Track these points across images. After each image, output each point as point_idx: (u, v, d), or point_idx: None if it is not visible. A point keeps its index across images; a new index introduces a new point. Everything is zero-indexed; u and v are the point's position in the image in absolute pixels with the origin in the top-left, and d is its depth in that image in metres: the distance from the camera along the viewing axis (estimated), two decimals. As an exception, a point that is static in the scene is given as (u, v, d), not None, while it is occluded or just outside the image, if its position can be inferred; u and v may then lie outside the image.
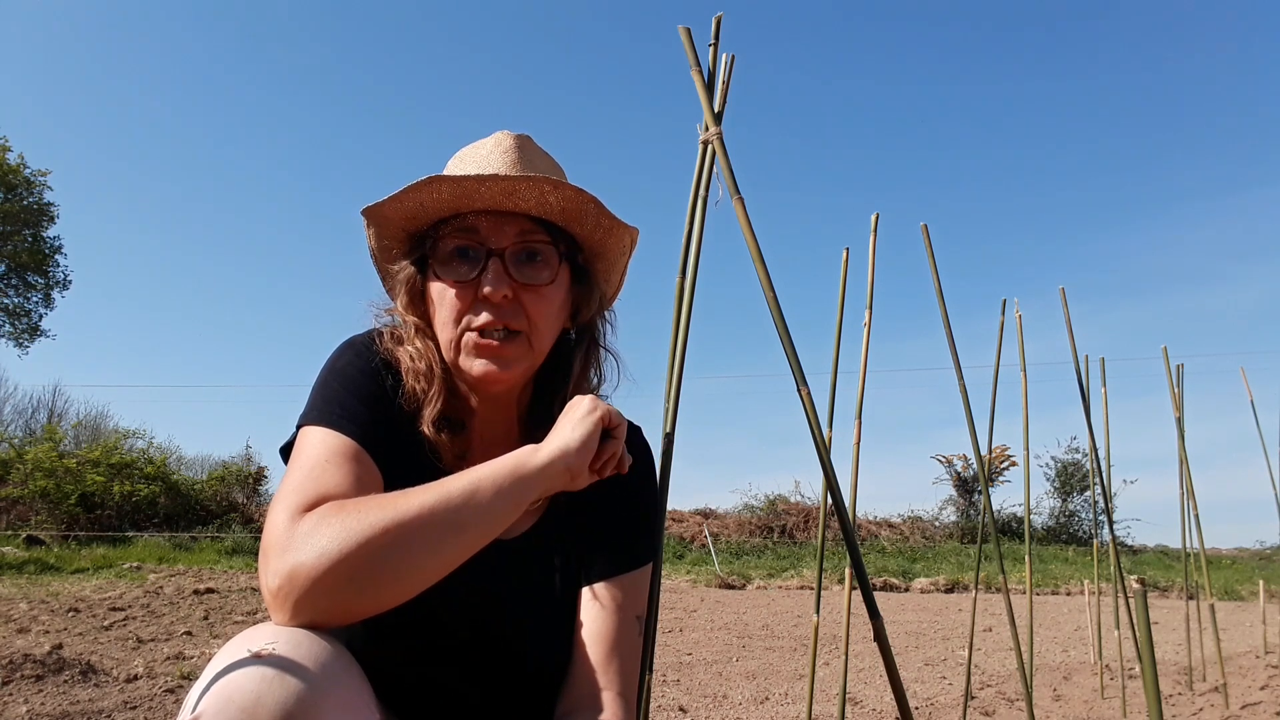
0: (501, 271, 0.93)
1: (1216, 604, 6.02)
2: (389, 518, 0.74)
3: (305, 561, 0.72)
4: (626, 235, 1.02)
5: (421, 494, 0.78)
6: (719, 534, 16.90)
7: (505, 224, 0.95)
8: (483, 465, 0.83)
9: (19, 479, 13.70)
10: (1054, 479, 20.09)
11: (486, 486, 0.80)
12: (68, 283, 21.06)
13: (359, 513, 0.75)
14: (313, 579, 0.72)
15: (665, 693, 3.95)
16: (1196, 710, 3.76)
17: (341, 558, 0.72)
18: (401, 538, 0.74)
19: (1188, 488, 4.32)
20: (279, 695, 0.67)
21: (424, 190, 0.92)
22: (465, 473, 0.82)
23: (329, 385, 0.92)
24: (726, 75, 1.18)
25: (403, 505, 0.76)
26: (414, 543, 0.74)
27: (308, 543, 0.73)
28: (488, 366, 0.93)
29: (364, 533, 0.73)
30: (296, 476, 0.83)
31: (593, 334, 1.06)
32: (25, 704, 3.09)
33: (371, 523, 0.74)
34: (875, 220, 2.60)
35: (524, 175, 0.91)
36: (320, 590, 0.72)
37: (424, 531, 0.75)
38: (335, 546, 0.72)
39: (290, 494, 0.80)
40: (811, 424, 1.01)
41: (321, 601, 0.73)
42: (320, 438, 0.87)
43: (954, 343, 2.61)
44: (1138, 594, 0.89)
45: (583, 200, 0.95)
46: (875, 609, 0.99)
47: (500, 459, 0.84)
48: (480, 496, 0.79)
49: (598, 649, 0.97)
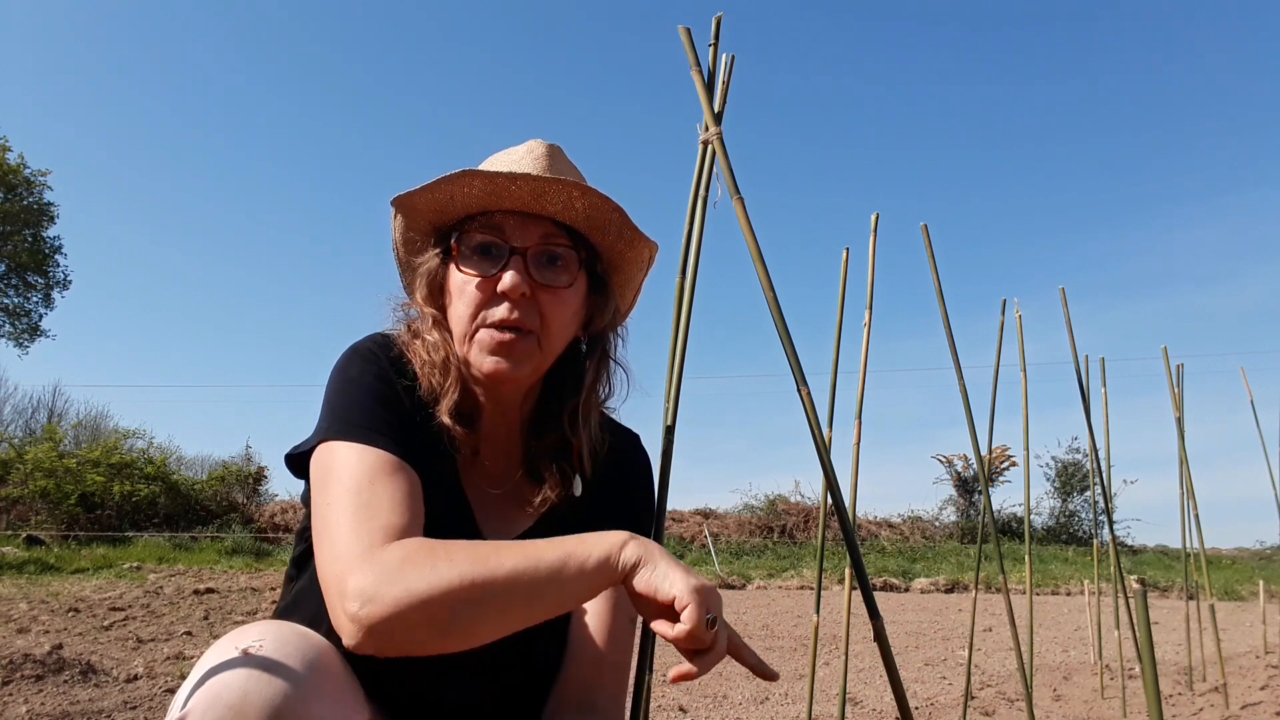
0: (522, 269, 0.94)
1: (1216, 604, 6.02)
2: (478, 573, 0.74)
3: (390, 594, 0.73)
4: (646, 250, 1.03)
5: (514, 554, 0.77)
6: (719, 534, 16.90)
7: (530, 225, 0.96)
8: (578, 539, 0.80)
9: (19, 479, 13.70)
10: (1054, 479, 20.10)
11: (573, 565, 0.77)
12: (68, 283, 21.11)
13: (449, 561, 0.75)
14: (394, 613, 0.73)
15: (665, 693, 3.95)
16: (1196, 710, 3.76)
17: (426, 601, 0.73)
18: (485, 595, 0.74)
19: (1188, 488, 4.32)
20: (266, 693, 0.68)
21: (456, 183, 0.94)
22: (559, 542, 0.79)
23: (348, 395, 0.92)
24: (726, 75, 1.18)
25: (494, 562, 0.76)
26: (494, 602, 0.75)
27: (396, 577, 0.74)
28: (497, 363, 0.93)
29: (452, 583, 0.73)
30: (347, 500, 0.82)
31: (604, 345, 1.06)
32: (25, 704, 3.09)
33: (461, 574, 0.74)
34: (875, 220, 2.61)
35: (554, 177, 0.92)
36: (398, 625, 0.73)
37: (506, 594, 0.75)
38: (423, 588, 0.73)
39: (357, 517, 0.80)
40: (811, 424, 1.02)
41: (397, 635, 0.74)
42: (357, 455, 0.86)
43: (954, 343, 2.61)
44: (1138, 594, 0.89)
45: (608, 208, 0.96)
46: (875, 609, 0.99)
47: (599, 538, 0.80)
48: (568, 571, 0.77)
49: (592, 650, 0.98)
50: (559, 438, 1.01)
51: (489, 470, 1.03)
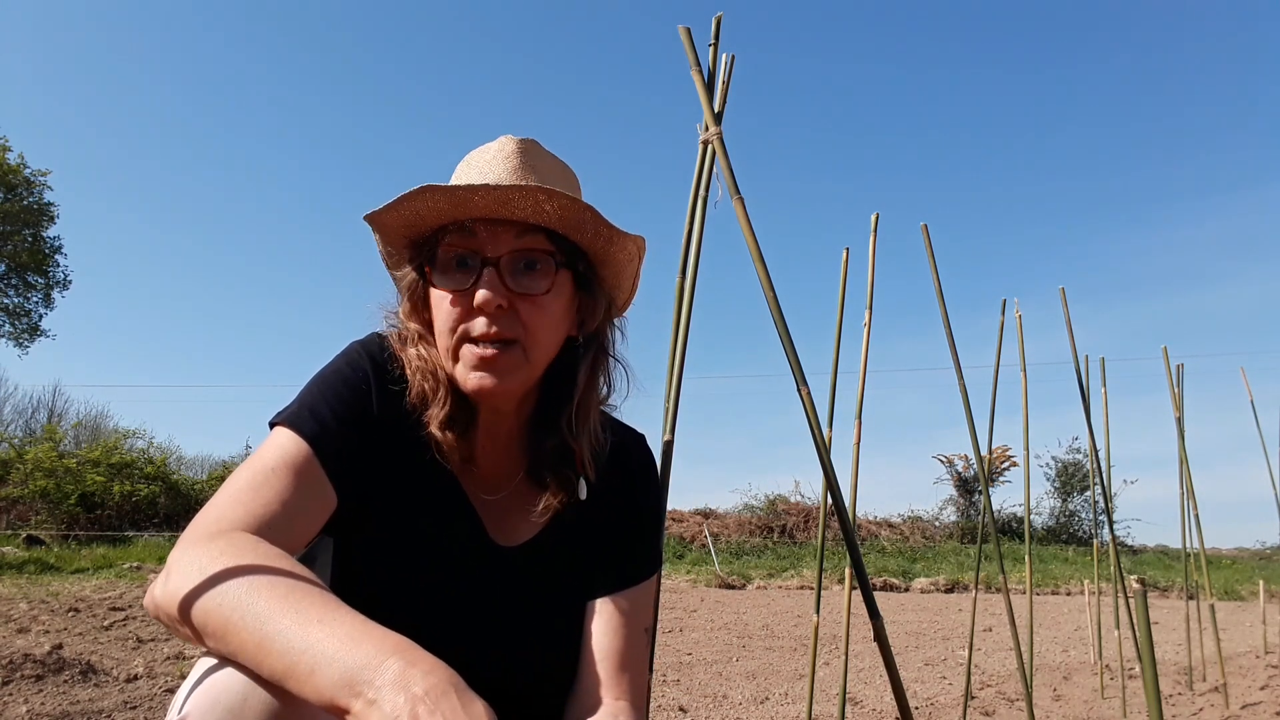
0: (496, 280, 0.92)
1: (1216, 604, 6.02)
2: (239, 619, 0.68)
3: (171, 586, 0.74)
4: (630, 243, 1.00)
5: (280, 629, 0.67)
6: (719, 534, 16.90)
7: (503, 231, 0.94)
8: (349, 644, 0.65)
9: (19, 479, 13.70)
10: (1054, 479, 20.12)
11: (303, 671, 0.65)
12: (68, 283, 21.07)
13: (239, 590, 0.70)
14: (164, 606, 0.75)
15: (665, 693, 3.95)
16: (1196, 710, 3.76)
17: (185, 614, 0.72)
18: (233, 648, 0.69)
19: (1188, 488, 4.32)
20: (265, 696, 0.67)
21: (419, 199, 0.92)
22: (325, 638, 0.66)
23: (308, 387, 0.93)
24: (726, 75, 1.18)
25: (254, 626, 0.68)
26: (236, 652, 0.70)
27: (192, 573, 0.73)
28: (482, 380, 0.91)
29: (212, 611, 0.70)
30: (242, 477, 0.84)
31: (601, 342, 1.04)
32: (25, 704, 3.09)
33: (228, 609, 0.69)
34: (875, 220, 2.61)
35: (516, 185, 0.90)
36: (163, 618, 0.76)
37: (254, 654, 0.68)
38: (195, 601, 0.72)
39: (235, 498, 0.81)
40: (811, 424, 1.01)
41: (166, 625, 0.77)
42: (278, 440, 0.87)
43: (954, 342, 2.61)
44: (1138, 594, 0.89)
45: (578, 209, 0.93)
46: (875, 609, 0.99)
47: (359, 652, 0.64)
48: (299, 673, 0.65)
49: (609, 662, 0.97)
50: (560, 440, 1.00)
51: (488, 475, 1.02)
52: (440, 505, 0.97)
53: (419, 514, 0.96)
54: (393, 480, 0.95)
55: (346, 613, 0.68)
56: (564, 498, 0.99)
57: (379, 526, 0.94)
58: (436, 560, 0.96)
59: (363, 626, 0.66)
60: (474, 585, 0.97)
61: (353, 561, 0.94)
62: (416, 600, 0.94)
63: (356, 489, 0.90)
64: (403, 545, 0.95)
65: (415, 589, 0.95)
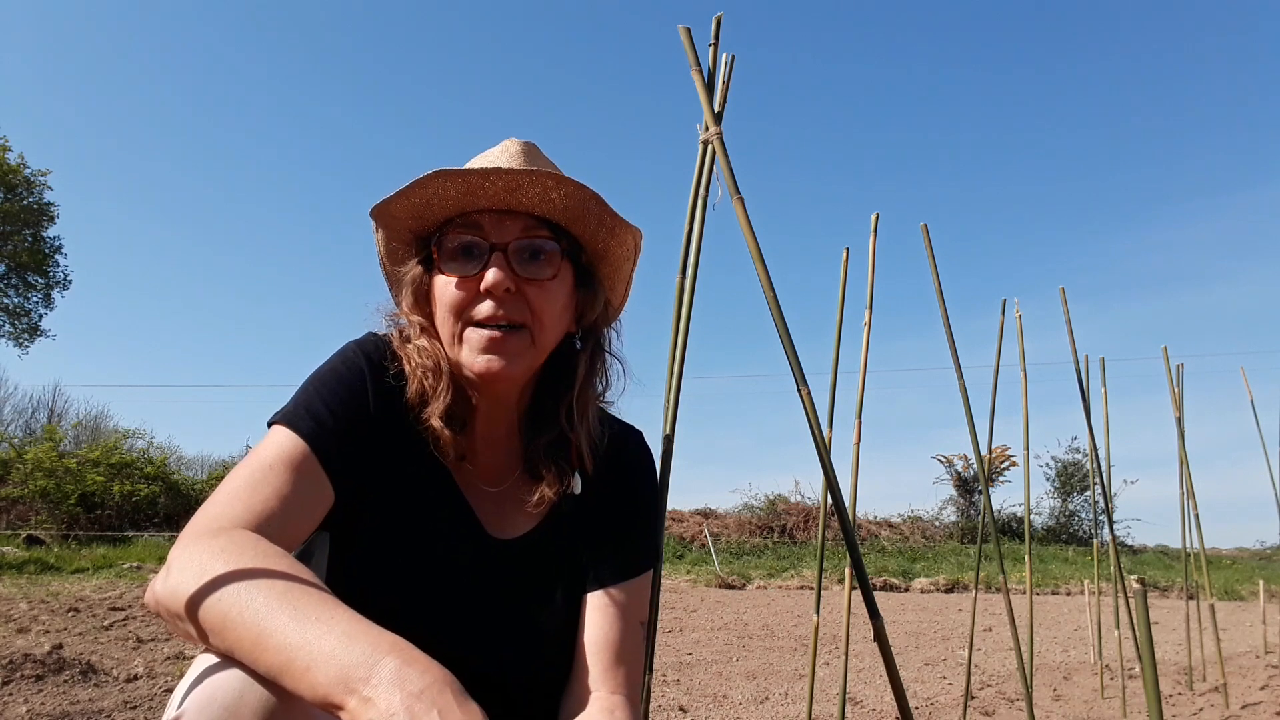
0: (504, 265, 0.93)
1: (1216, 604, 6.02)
2: (238, 618, 0.69)
3: (172, 583, 0.74)
4: (630, 237, 1.02)
5: (278, 625, 0.67)
6: (719, 534, 16.90)
7: (508, 221, 0.96)
8: (342, 640, 0.65)
9: (19, 479, 13.70)
10: (1054, 479, 20.11)
11: (299, 667, 0.65)
12: (68, 283, 21.08)
13: (238, 589, 0.70)
14: (164, 603, 0.75)
15: (665, 693, 3.95)
16: (1196, 710, 3.76)
17: (188, 612, 0.72)
18: (230, 645, 0.69)
19: (1188, 488, 4.32)
20: (261, 694, 0.68)
21: (430, 186, 0.93)
22: (321, 636, 0.66)
23: (304, 386, 0.93)
24: (726, 75, 1.18)
25: (251, 622, 0.68)
26: (233, 648, 0.70)
27: (194, 572, 0.73)
28: (490, 362, 0.92)
29: (213, 609, 0.70)
30: (241, 475, 0.84)
31: (598, 339, 1.06)
32: (25, 704, 3.09)
33: (227, 606, 0.69)
34: (875, 220, 2.61)
35: (527, 169, 0.92)
36: (164, 614, 0.76)
37: (244, 650, 0.69)
38: (197, 601, 0.71)
39: (234, 494, 0.82)
40: (811, 424, 1.02)
41: (167, 622, 0.77)
42: (276, 439, 0.88)
43: (954, 342, 2.61)
44: (1138, 594, 0.89)
45: (585, 196, 0.95)
46: (875, 609, 0.99)
47: (355, 650, 0.64)
48: (295, 669, 0.65)
49: (605, 655, 0.97)
50: (557, 434, 1.01)
51: (486, 469, 1.02)
52: (436, 499, 0.98)
53: (415, 508, 0.97)
54: (389, 476, 0.95)
55: (344, 611, 0.69)
56: (559, 490, 1.00)
57: (375, 522, 0.95)
58: (433, 553, 0.97)
59: (359, 625, 0.67)
60: (470, 578, 0.98)
61: (349, 556, 0.95)
62: (412, 593, 0.95)
63: (353, 485, 0.91)
64: (399, 539, 0.96)
65: (411, 582, 0.95)
